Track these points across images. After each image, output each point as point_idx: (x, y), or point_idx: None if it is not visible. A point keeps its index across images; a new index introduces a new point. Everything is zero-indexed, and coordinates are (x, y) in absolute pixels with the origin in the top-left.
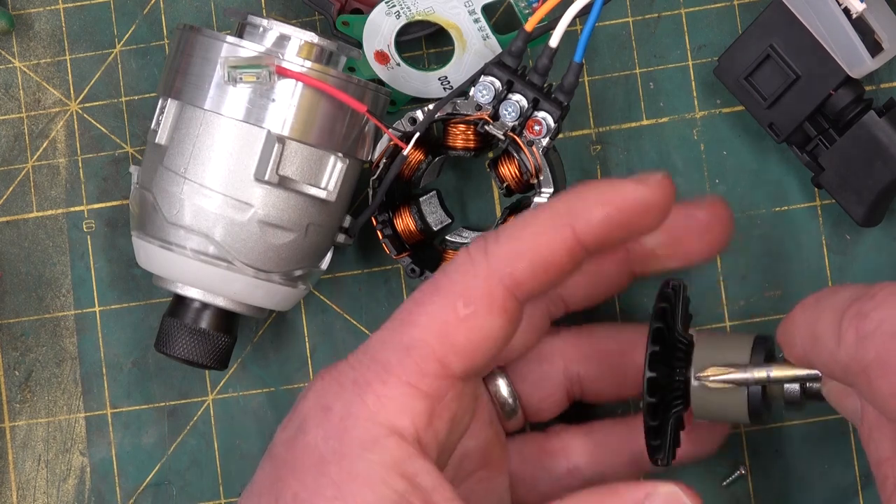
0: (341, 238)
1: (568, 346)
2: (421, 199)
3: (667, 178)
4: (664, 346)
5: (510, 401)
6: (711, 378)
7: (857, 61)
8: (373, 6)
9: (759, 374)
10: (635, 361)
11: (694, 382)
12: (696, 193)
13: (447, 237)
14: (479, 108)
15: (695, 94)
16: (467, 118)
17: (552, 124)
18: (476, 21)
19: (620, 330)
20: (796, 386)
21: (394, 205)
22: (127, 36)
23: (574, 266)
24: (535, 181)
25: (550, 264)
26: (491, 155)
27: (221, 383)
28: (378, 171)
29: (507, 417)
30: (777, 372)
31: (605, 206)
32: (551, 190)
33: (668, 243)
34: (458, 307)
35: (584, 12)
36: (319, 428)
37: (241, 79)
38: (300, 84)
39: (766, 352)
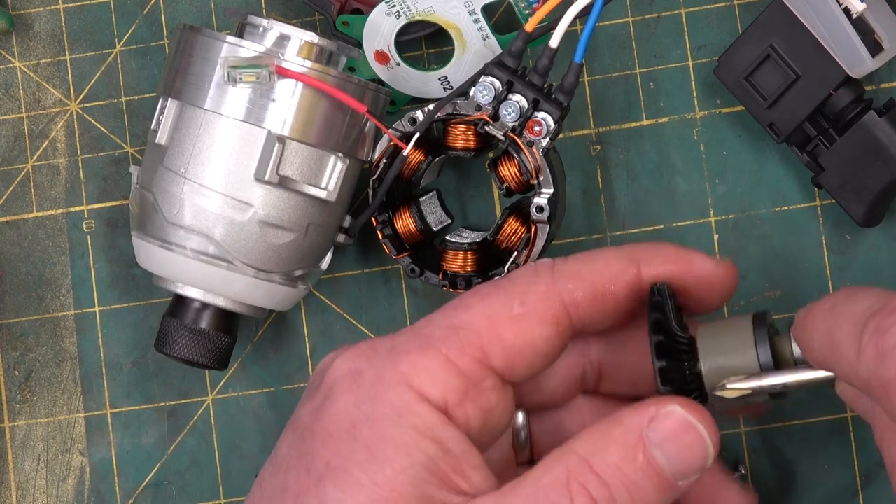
0: (341, 238)
1: (594, 408)
2: (421, 199)
3: (734, 267)
4: (669, 358)
5: (523, 434)
6: (729, 388)
7: (857, 61)
8: (373, 6)
9: (776, 381)
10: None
11: (712, 391)
12: (696, 193)
13: (447, 237)
14: (479, 108)
15: (695, 94)
16: (467, 118)
17: (552, 125)
18: (476, 21)
19: (636, 332)
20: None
21: (394, 205)
22: (127, 36)
23: (629, 307)
24: (535, 181)
25: (609, 294)
26: (491, 155)
27: (221, 383)
28: (378, 171)
29: (520, 447)
30: (792, 377)
31: (674, 264)
32: (551, 190)
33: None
34: (513, 305)
35: (585, 13)
36: (349, 393)
37: (241, 79)
38: (300, 84)
39: (769, 329)
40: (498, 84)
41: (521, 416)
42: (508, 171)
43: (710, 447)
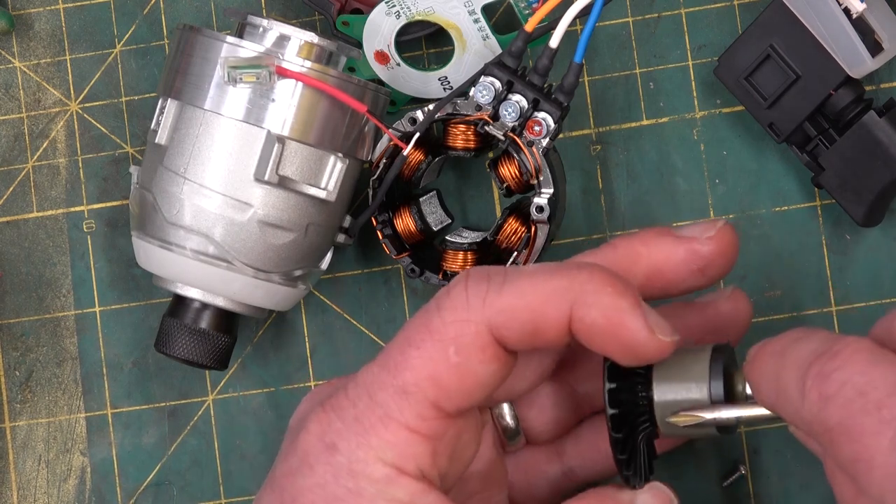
0: (341, 238)
1: (575, 364)
2: (421, 199)
3: (673, 343)
4: (622, 379)
5: (512, 425)
6: (682, 422)
7: (857, 61)
8: (373, 6)
9: (728, 415)
10: None
11: (663, 418)
12: (696, 193)
13: (447, 237)
14: (479, 108)
15: (695, 94)
16: (467, 118)
17: (552, 125)
18: (476, 21)
19: None
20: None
21: (394, 205)
22: (127, 36)
23: (557, 344)
24: (535, 181)
25: (540, 334)
26: (491, 155)
27: (221, 383)
28: (378, 171)
29: (510, 440)
30: (745, 412)
31: (605, 320)
32: (551, 190)
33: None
34: (449, 354)
35: (585, 13)
36: (328, 466)
37: (241, 79)
38: (300, 84)
39: (724, 364)
40: (498, 84)
41: (507, 412)
42: (508, 171)
43: None
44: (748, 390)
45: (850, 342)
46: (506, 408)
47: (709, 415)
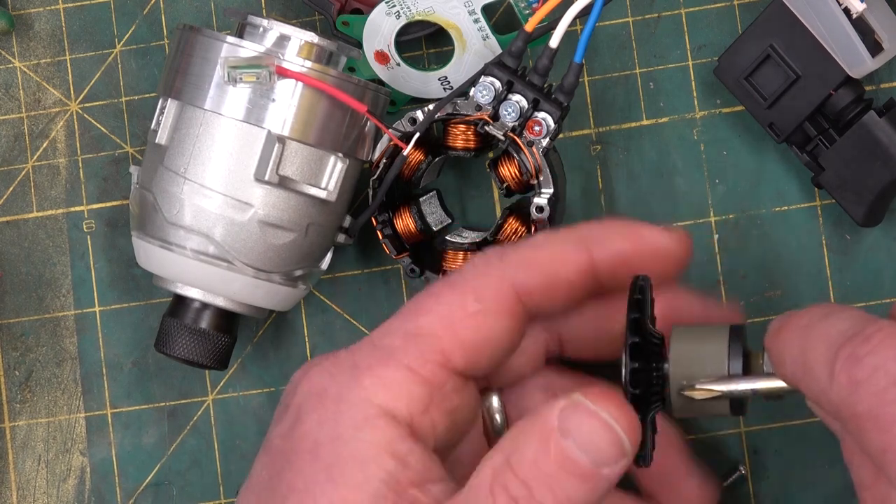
0: (341, 238)
1: (563, 382)
2: (421, 199)
3: (687, 235)
4: (642, 338)
5: (498, 418)
6: (696, 395)
7: (857, 61)
8: (373, 6)
9: (744, 386)
10: (617, 324)
11: (676, 390)
12: (696, 193)
13: (447, 237)
14: (479, 108)
15: (695, 94)
16: (467, 118)
17: (552, 125)
18: (476, 21)
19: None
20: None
21: (394, 205)
22: (127, 36)
23: (582, 291)
24: (535, 181)
25: (562, 280)
26: (491, 155)
27: (221, 383)
28: (378, 171)
29: (495, 434)
30: (761, 384)
31: (625, 241)
32: (551, 190)
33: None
34: (468, 302)
35: (585, 13)
36: (314, 413)
37: (241, 79)
38: (300, 84)
39: (743, 344)
40: (498, 84)
41: (495, 400)
42: (508, 171)
43: (621, 433)
44: (767, 368)
45: (884, 326)
46: (495, 399)
47: (723, 387)
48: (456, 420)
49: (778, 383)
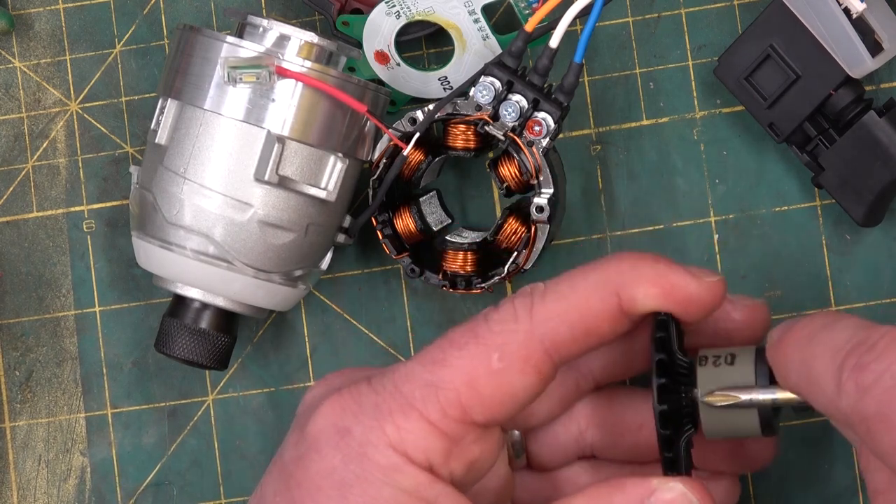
0: (341, 238)
1: (586, 410)
2: (421, 199)
3: (721, 283)
4: (668, 376)
5: (519, 442)
6: (718, 402)
7: (857, 61)
8: (373, 6)
9: (765, 396)
10: (652, 435)
11: (702, 404)
12: (696, 193)
13: (447, 237)
14: (479, 108)
15: (695, 94)
16: (467, 118)
17: (552, 125)
18: (476, 21)
19: (643, 400)
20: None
21: (394, 205)
22: (127, 36)
23: (613, 336)
24: (535, 181)
25: (592, 330)
26: (491, 155)
27: (221, 383)
28: (378, 171)
29: (515, 457)
30: (782, 395)
31: (655, 287)
32: (551, 190)
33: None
34: (492, 359)
35: (585, 13)
36: (337, 450)
37: (241, 79)
38: (300, 84)
39: (769, 364)
40: (498, 84)
41: (516, 434)
42: (508, 171)
43: None
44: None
45: (887, 332)
46: (516, 434)
47: (744, 395)
48: (476, 467)
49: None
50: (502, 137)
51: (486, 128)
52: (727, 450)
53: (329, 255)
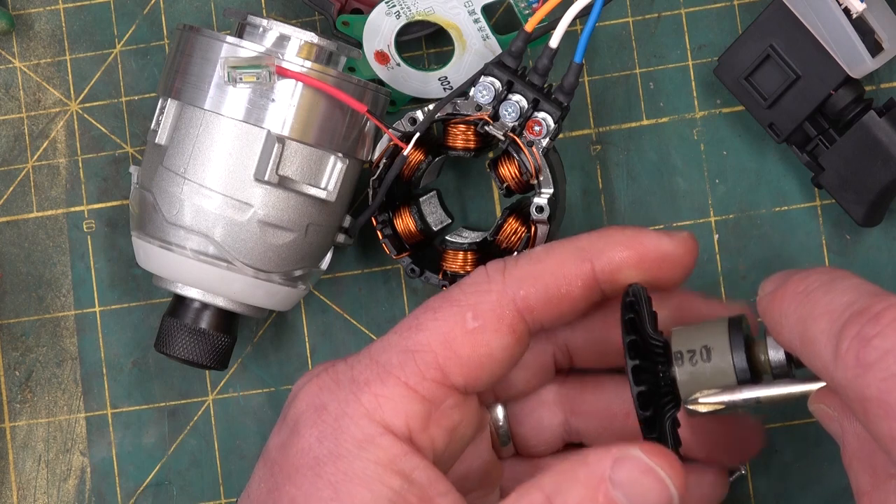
0: (341, 238)
1: (571, 397)
2: (421, 199)
3: (691, 238)
4: (642, 358)
5: (504, 428)
6: (702, 402)
7: (857, 61)
8: (373, 6)
9: (749, 395)
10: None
11: (686, 396)
12: (696, 193)
13: (447, 237)
14: (479, 108)
15: (695, 94)
16: (467, 118)
17: (552, 125)
18: (476, 21)
19: (628, 388)
20: (782, 356)
21: (394, 205)
22: (127, 36)
23: (586, 304)
24: (535, 181)
25: (564, 294)
26: (491, 155)
27: (221, 383)
28: (378, 171)
29: (501, 444)
30: (767, 392)
31: (628, 250)
32: (551, 190)
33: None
34: (467, 319)
35: (585, 13)
36: (314, 427)
37: (241, 79)
38: (300, 84)
39: (745, 334)
40: (498, 84)
41: (500, 412)
42: (508, 171)
43: (673, 491)
44: (773, 360)
45: (893, 304)
46: (499, 411)
47: (727, 397)
48: (456, 436)
49: (781, 389)
50: (502, 137)
51: (486, 128)
52: (714, 440)
53: (329, 255)
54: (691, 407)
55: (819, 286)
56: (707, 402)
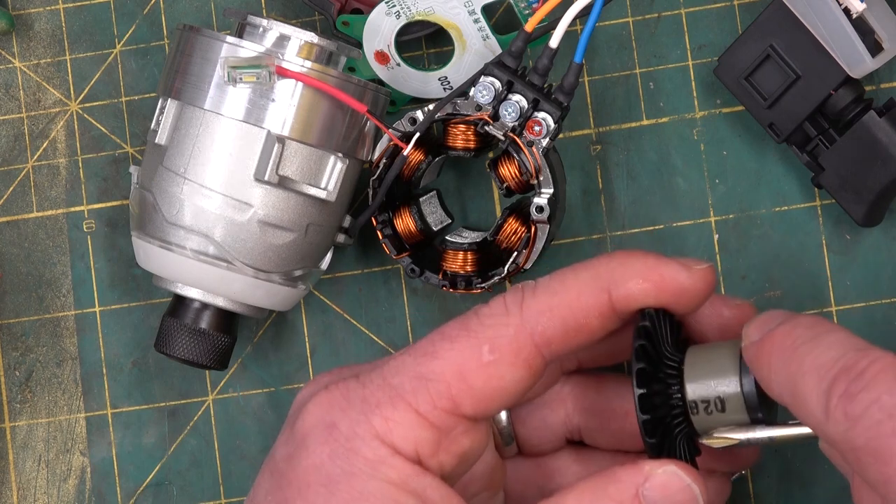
0: (341, 238)
1: (573, 395)
2: (421, 199)
3: (711, 270)
4: (651, 365)
5: (507, 429)
6: (715, 444)
7: (857, 61)
8: (373, 6)
9: (762, 435)
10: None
11: (702, 441)
12: (696, 193)
13: (447, 237)
14: (479, 108)
15: (695, 94)
16: (467, 118)
17: (552, 125)
18: (476, 21)
19: (630, 386)
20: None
21: (394, 205)
22: (127, 36)
23: (603, 332)
24: (535, 181)
25: (582, 326)
26: (491, 155)
27: (221, 383)
28: (378, 171)
29: (504, 444)
30: (778, 432)
31: (647, 281)
32: (551, 190)
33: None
34: (483, 352)
35: (585, 13)
36: (325, 445)
37: (241, 79)
38: (300, 84)
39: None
40: (498, 84)
41: (503, 413)
42: (508, 171)
43: None
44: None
45: (877, 359)
46: (503, 416)
47: (741, 435)
48: (463, 460)
49: (794, 430)
50: (502, 137)
51: (486, 128)
52: (714, 453)
53: (329, 255)
54: (706, 442)
55: (805, 342)
56: (722, 437)
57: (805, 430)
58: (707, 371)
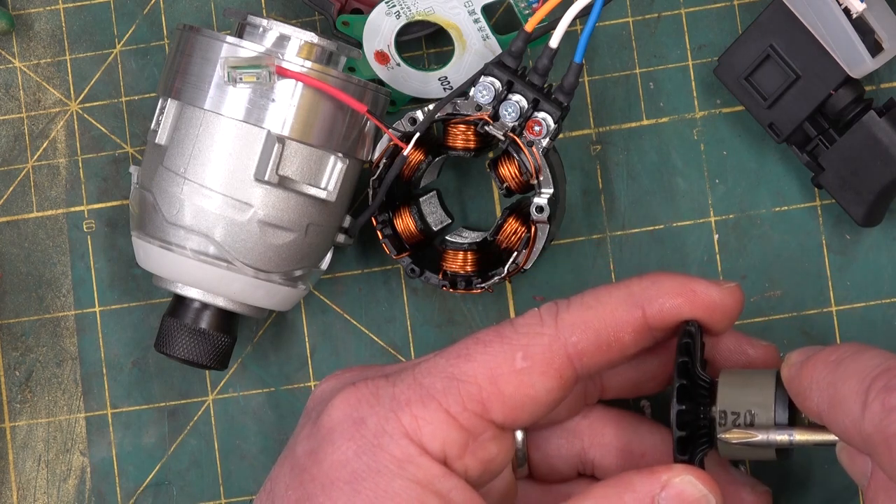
0: (341, 238)
1: (591, 429)
2: (421, 199)
3: (739, 289)
4: (689, 382)
5: (522, 450)
6: (734, 439)
7: (857, 61)
8: (373, 6)
9: (782, 437)
10: (652, 464)
11: (720, 435)
12: (696, 193)
13: (447, 237)
14: (479, 108)
15: (695, 94)
16: (467, 118)
17: (552, 125)
18: (476, 21)
19: (649, 430)
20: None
21: (394, 205)
22: (127, 36)
23: (636, 349)
24: (535, 181)
25: (615, 341)
26: (491, 155)
27: (221, 383)
28: (378, 171)
29: (517, 466)
30: (799, 436)
31: (679, 297)
32: (551, 190)
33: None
34: (516, 358)
35: (585, 13)
36: (351, 441)
37: (241, 79)
38: (300, 84)
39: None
40: (498, 84)
41: (519, 434)
42: (508, 171)
43: None
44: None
45: None
46: (519, 433)
47: (761, 435)
48: (490, 467)
49: (814, 435)
50: (502, 137)
51: (486, 128)
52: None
53: (329, 255)
54: (724, 436)
55: (849, 355)
56: (740, 433)
57: (826, 436)
58: (742, 388)
